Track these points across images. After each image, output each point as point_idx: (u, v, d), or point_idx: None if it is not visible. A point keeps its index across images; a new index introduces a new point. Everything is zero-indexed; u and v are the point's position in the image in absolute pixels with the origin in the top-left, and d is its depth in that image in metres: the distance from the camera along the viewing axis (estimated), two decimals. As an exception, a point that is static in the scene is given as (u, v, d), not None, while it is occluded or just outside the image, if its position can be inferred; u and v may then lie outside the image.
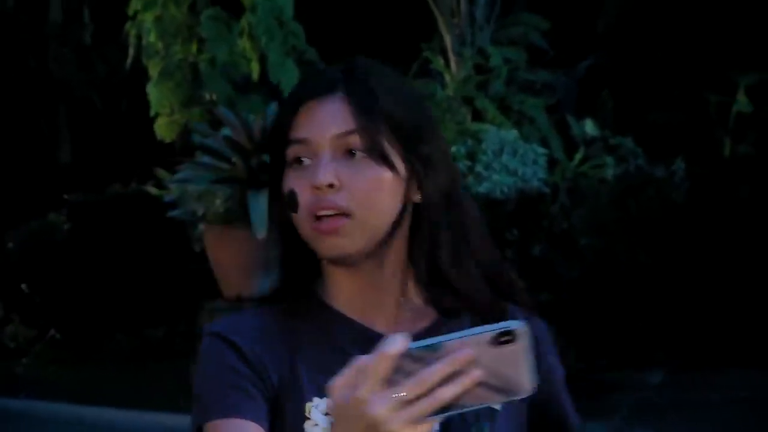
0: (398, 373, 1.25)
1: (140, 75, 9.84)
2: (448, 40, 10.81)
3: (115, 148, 13.57)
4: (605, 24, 14.65)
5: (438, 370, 1.24)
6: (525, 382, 1.31)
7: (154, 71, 8.97)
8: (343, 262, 1.53)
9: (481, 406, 1.32)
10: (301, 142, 1.51)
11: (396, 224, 1.54)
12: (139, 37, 9.05)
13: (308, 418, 1.52)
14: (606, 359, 9.05)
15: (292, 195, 1.49)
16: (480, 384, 1.29)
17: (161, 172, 8.38)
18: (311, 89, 1.54)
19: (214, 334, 1.51)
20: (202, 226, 7.08)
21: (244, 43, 8.80)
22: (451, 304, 1.61)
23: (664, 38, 14.15)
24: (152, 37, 8.93)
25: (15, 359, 8.12)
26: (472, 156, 9.77)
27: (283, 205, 1.53)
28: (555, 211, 9.36)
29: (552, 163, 10.53)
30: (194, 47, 9.00)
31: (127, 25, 9.11)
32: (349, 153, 1.49)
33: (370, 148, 1.49)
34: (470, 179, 9.54)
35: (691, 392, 8.52)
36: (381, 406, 1.22)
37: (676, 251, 9.82)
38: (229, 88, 8.75)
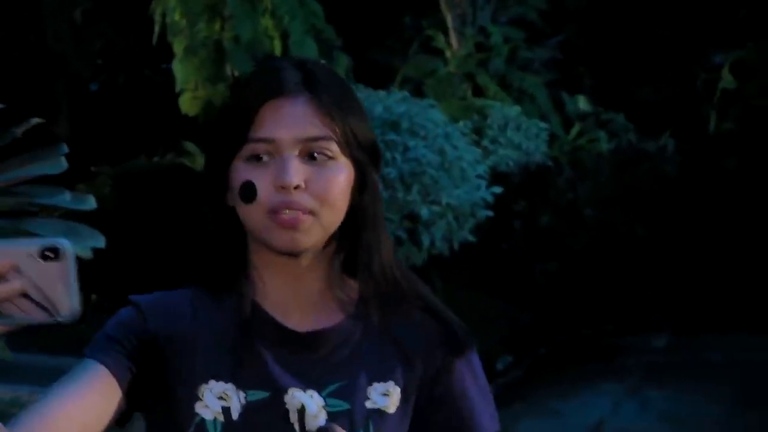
0: None
1: (145, 52, 10.07)
2: (449, 19, 11.18)
3: (113, 122, 13.79)
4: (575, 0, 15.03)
5: None
6: (66, 303, 1.29)
7: (178, 48, 9.26)
8: (294, 255, 1.54)
9: (28, 320, 1.30)
10: (265, 141, 1.51)
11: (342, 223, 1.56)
12: (163, 15, 9.35)
13: (200, 399, 1.53)
14: (612, 325, 9.49)
15: (250, 187, 1.50)
16: (25, 297, 1.29)
17: (188, 145, 8.67)
18: (276, 87, 1.53)
19: (134, 304, 1.58)
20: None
21: (266, 22, 9.12)
22: (366, 294, 1.59)
23: (636, 14, 14.58)
24: (177, 16, 9.22)
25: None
26: (478, 131, 10.17)
27: (236, 194, 1.53)
28: (561, 183, 9.78)
29: (551, 138, 10.97)
30: (218, 26, 9.31)
31: (153, 4, 9.38)
32: (311, 156, 1.51)
33: (332, 154, 1.52)
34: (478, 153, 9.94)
35: (695, 354, 9.01)
36: None
37: (671, 221, 10.31)
38: (253, 65, 9.07)
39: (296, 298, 1.57)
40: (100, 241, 3.57)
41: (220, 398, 1.53)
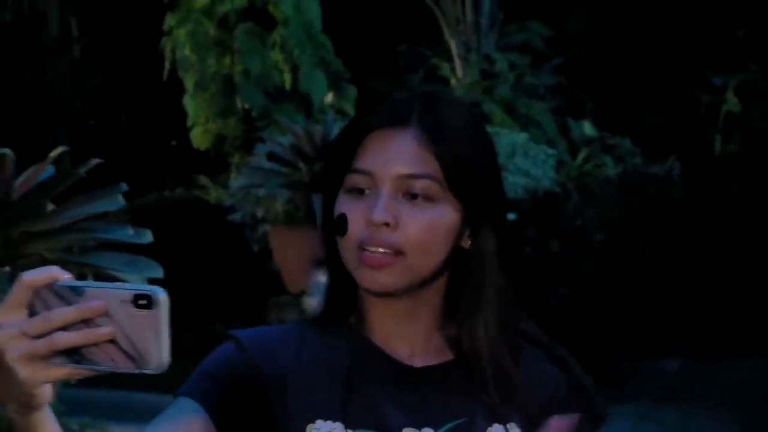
0: (42, 307, 1.21)
1: (145, 87, 10.05)
2: (453, 47, 11.23)
3: (115, 158, 13.80)
4: (575, 25, 15.11)
5: (63, 312, 1.19)
6: (155, 355, 1.20)
7: (189, 83, 9.30)
8: (381, 296, 1.47)
9: (111, 368, 1.22)
10: (364, 173, 1.44)
11: (443, 267, 1.48)
12: (173, 51, 9.40)
13: None
14: (619, 349, 9.51)
15: (343, 220, 1.44)
16: (113, 343, 1.21)
17: (201, 178, 8.70)
18: (383, 117, 1.45)
19: (233, 338, 1.51)
20: (263, 228, 7.45)
21: (276, 56, 9.16)
22: (468, 348, 1.49)
23: (636, 37, 14.68)
24: (187, 51, 9.26)
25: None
26: (486, 158, 10.14)
27: (332, 226, 1.48)
28: (569, 209, 9.82)
29: (558, 164, 11.00)
30: (228, 60, 9.35)
31: (163, 40, 9.43)
32: (411, 195, 1.43)
33: (434, 196, 1.44)
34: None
35: (707, 378, 9.03)
36: (3, 330, 1.18)
37: (679, 244, 10.34)
38: (263, 99, 9.11)
39: (404, 334, 1.50)
40: (158, 272, 3.63)
41: None
